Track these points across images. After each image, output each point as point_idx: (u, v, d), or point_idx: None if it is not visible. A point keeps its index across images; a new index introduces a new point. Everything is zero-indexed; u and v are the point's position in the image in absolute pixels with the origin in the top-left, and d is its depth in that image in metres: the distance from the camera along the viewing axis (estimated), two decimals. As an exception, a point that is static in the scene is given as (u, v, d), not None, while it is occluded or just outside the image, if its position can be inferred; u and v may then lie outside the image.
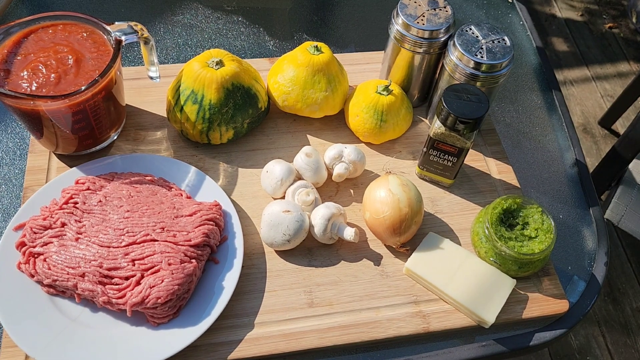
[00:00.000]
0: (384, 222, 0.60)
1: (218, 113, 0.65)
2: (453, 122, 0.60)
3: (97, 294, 0.54)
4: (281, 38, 0.87)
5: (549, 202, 0.72)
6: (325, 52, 0.70)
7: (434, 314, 0.59)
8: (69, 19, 0.64)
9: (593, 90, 2.00)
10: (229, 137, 0.69)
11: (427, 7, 0.67)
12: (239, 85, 0.66)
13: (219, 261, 0.60)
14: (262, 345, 0.56)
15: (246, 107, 0.67)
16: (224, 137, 0.68)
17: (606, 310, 1.50)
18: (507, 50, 0.64)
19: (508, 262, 0.60)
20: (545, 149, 0.78)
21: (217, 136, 0.67)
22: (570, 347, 1.43)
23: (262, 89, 0.70)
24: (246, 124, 0.69)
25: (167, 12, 0.89)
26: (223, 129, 0.67)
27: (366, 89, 0.70)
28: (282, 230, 0.60)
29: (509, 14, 0.96)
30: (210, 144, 0.69)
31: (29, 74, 0.59)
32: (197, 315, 0.56)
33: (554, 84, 0.86)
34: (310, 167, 0.65)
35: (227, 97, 0.65)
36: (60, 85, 0.59)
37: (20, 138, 0.71)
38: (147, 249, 0.56)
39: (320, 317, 0.58)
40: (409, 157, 0.72)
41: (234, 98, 0.66)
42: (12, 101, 0.57)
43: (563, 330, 0.61)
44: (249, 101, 0.67)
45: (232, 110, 0.66)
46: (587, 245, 0.69)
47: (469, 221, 0.67)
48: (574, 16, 2.24)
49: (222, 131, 0.67)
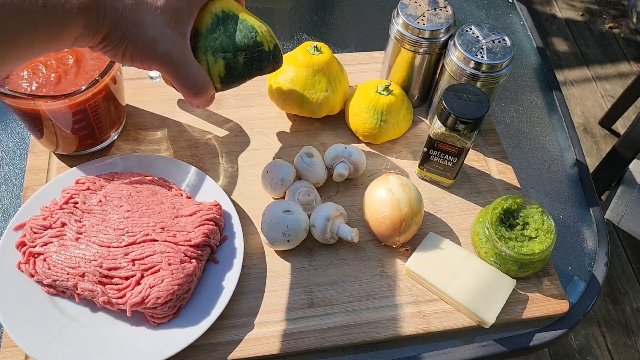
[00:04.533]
0: (384, 222, 0.60)
1: (203, 38, 0.54)
2: (453, 122, 0.60)
3: (97, 294, 0.54)
4: (281, 38, 0.87)
5: (549, 202, 0.72)
6: (325, 52, 0.70)
7: (434, 314, 0.59)
8: (69, 18, 0.64)
9: (593, 90, 2.00)
10: (219, 72, 0.56)
11: (427, 7, 0.67)
12: (230, 13, 0.56)
13: (219, 261, 0.60)
14: (262, 345, 0.56)
15: (241, 38, 0.56)
16: (212, 70, 0.55)
17: (606, 310, 1.50)
18: (507, 50, 0.64)
19: (508, 263, 0.60)
20: (545, 149, 0.78)
21: (204, 66, 0.55)
22: (571, 347, 1.43)
23: (266, 30, 0.59)
24: (242, 59, 0.57)
25: (167, 12, 0.89)
26: (210, 58, 0.55)
27: (366, 89, 0.70)
28: (282, 230, 0.60)
29: (509, 14, 0.96)
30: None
31: (29, 73, 0.59)
32: (197, 315, 0.56)
33: (554, 84, 0.86)
34: (311, 167, 0.65)
35: (216, 23, 0.55)
36: (60, 85, 0.59)
37: (20, 138, 0.71)
38: (147, 249, 0.56)
39: (320, 317, 0.58)
40: (409, 157, 0.72)
41: (225, 26, 0.56)
42: (12, 101, 0.57)
43: (563, 330, 0.61)
44: (246, 33, 0.57)
45: (222, 37, 0.55)
46: (587, 245, 0.69)
47: (469, 221, 0.67)
48: (574, 16, 2.24)
49: (209, 61, 0.55)
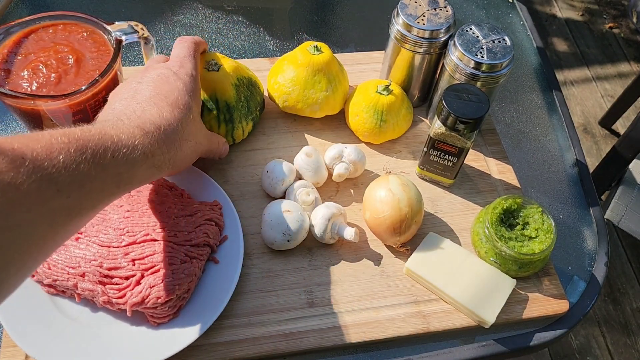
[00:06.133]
0: (384, 222, 0.60)
1: (236, 110, 0.66)
2: (453, 122, 0.60)
3: (97, 294, 0.54)
4: (281, 38, 0.87)
5: (549, 202, 0.72)
6: (325, 52, 0.70)
7: (434, 314, 0.59)
8: (69, 18, 0.64)
9: (593, 90, 2.00)
10: (249, 130, 0.70)
11: (427, 7, 0.67)
12: (241, 77, 0.67)
13: (219, 261, 0.60)
14: (262, 345, 0.56)
15: (254, 95, 0.69)
16: (245, 132, 0.69)
17: (606, 310, 1.50)
18: (507, 50, 0.64)
19: (508, 262, 0.60)
20: (545, 149, 0.78)
21: (240, 133, 0.68)
22: (571, 347, 1.43)
23: (254, 75, 0.72)
24: (258, 112, 0.70)
25: (167, 11, 0.89)
26: (244, 123, 0.68)
27: (366, 89, 0.70)
28: (282, 230, 0.60)
29: (509, 14, 0.96)
30: (235, 142, 0.69)
31: (30, 73, 0.59)
32: (197, 315, 0.56)
33: (554, 84, 0.86)
34: (311, 167, 0.65)
35: (238, 92, 0.66)
36: (60, 85, 0.59)
37: (21, 138, 0.71)
38: (148, 248, 0.56)
39: (320, 317, 0.58)
40: (409, 157, 0.72)
41: (243, 90, 0.67)
42: (12, 101, 0.57)
43: (563, 330, 0.61)
44: (254, 89, 0.69)
45: (246, 102, 0.67)
46: (587, 245, 0.69)
47: (469, 221, 0.67)
48: (574, 16, 2.24)
49: (243, 126, 0.68)
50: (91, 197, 0.42)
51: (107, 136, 0.44)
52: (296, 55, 0.70)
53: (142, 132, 0.47)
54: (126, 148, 0.45)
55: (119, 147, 0.44)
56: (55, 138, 0.40)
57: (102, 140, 0.43)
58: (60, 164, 0.39)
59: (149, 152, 0.47)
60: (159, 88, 0.52)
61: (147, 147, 0.47)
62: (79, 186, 0.40)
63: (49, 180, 0.38)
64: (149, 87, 0.52)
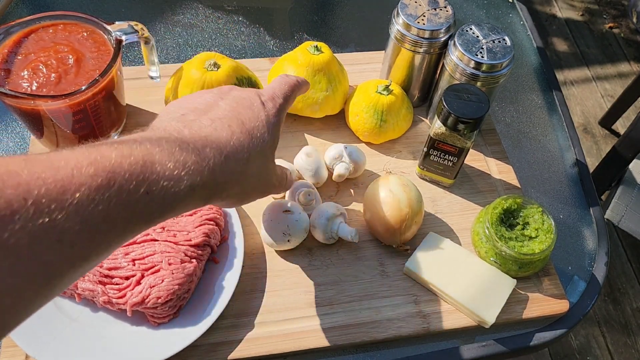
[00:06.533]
0: (384, 223, 0.60)
1: None
2: (453, 122, 0.60)
3: (97, 294, 0.54)
4: (281, 38, 0.87)
5: (549, 202, 0.72)
6: (325, 52, 0.70)
7: (434, 314, 0.59)
8: (69, 18, 0.64)
9: (593, 90, 2.00)
10: None
11: (427, 7, 0.67)
12: (241, 77, 0.67)
13: (219, 261, 0.60)
14: (262, 345, 0.56)
15: None
16: None
17: (606, 310, 1.50)
18: (507, 50, 0.64)
19: (508, 262, 0.60)
20: (545, 149, 0.78)
21: None
22: (571, 347, 1.43)
23: (254, 75, 0.70)
24: None
25: (167, 11, 0.89)
26: None
27: (366, 89, 0.70)
28: (282, 230, 0.60)
29: (509, 14, 0.96)
30: None
31: (30, 73, 0.59)
32: (197, 315, 0.56)
33: (554, 83, 0.86)
34: (311, 167, 0.65)
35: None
36: (60, 84, 0.59)
37: (21, 138, 0.71)
38: (148, 248, 0.56)
39: (320, 317, 0.58)
40: (409, 157, 0.72)
41: None
42: (12, 101, 0.57)
43: (563, 330, 0.61)
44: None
45: None
46: (587, 245, 0.69)
47: (469, 221, 0.67)
48: (574, 16, 2.24)
49: None
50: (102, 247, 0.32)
51: (147, 164, 0.34)
52: (296, 55, 0.70)
53: (197, 158, 0.37)
54: (168, 180, 0.35)
55: (159, 179, 0.34)
56: (78, 168, 0.30)
57: (140, 171, 0.33)
58: (72, 206, 0.29)
59: (199, 184, 0.37)
60: (238, 111, 0.44)
61: (196, 179, 0.37)
62: (89, 236, 0.30)
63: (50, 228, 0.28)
64: (228, 106, 0.45)
